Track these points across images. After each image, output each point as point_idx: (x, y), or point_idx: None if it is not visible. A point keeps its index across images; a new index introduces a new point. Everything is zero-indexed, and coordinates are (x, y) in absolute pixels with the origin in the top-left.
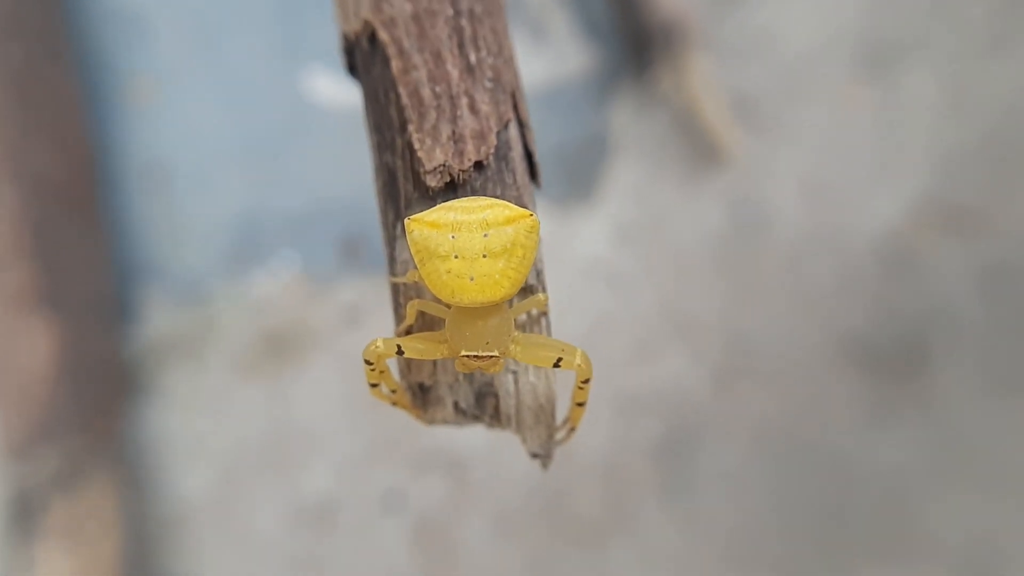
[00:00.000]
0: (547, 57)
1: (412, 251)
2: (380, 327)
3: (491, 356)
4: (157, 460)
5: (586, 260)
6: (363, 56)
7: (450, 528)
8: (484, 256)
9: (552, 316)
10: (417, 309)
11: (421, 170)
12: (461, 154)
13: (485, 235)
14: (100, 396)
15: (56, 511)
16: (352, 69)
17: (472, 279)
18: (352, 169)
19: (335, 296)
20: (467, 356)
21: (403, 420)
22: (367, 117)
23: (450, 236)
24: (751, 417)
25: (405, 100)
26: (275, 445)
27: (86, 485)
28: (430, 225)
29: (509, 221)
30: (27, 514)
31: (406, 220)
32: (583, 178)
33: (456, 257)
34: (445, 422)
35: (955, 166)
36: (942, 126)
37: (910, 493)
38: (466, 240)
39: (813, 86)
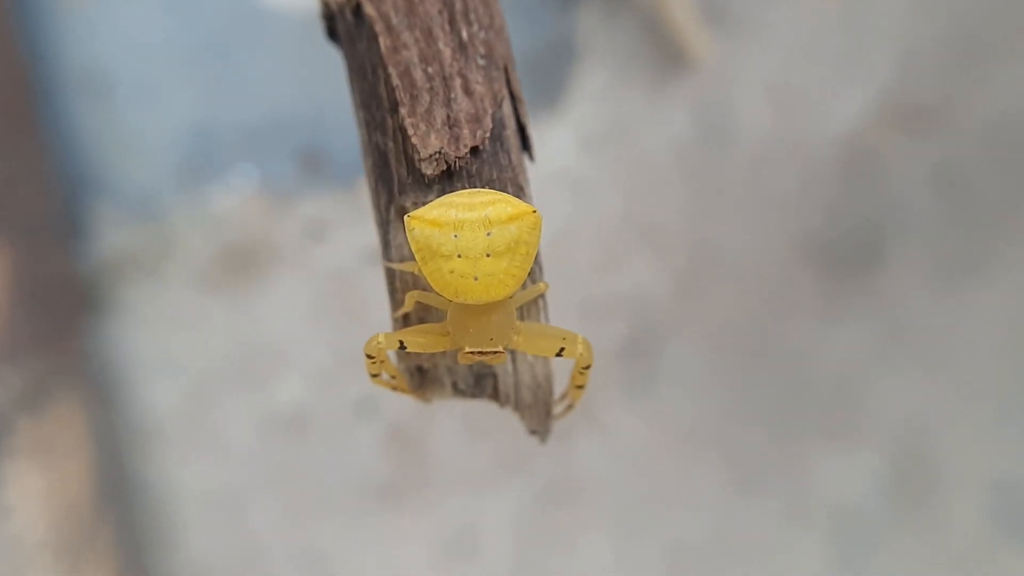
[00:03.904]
0: None
1: (413, 248)
2: (345, 241)
3: (495, 352)
4: (123, 376)
5: (552, 167)
6: (347, 27)
7: (421, 431)
8: (488, 256)
9: None
10: (416, 300)
11: (416, 157)
12: (457, 140)
13: (488, 234)
14: (58, 315)
15: (23, 431)
16: (332, 33)
17: (476, 279)
18: (310, 78)
19: (297, 210)
20: (471, 352)
21: (370, 331)
22: (352, 90)
23: (452, 235)
24: (712, 318)
25: (396, 81)
26: (243, 358)
27: (52, 404)
28: (431, 223)
29: (512, 219)
30: None
31: (406, 218)
32: (549, 84)
33: (459, 256)
34: (444, 399)
35: (917, 65)
36: (908, 24)
37: (857, 381)
38: (469, 239)
39: None
